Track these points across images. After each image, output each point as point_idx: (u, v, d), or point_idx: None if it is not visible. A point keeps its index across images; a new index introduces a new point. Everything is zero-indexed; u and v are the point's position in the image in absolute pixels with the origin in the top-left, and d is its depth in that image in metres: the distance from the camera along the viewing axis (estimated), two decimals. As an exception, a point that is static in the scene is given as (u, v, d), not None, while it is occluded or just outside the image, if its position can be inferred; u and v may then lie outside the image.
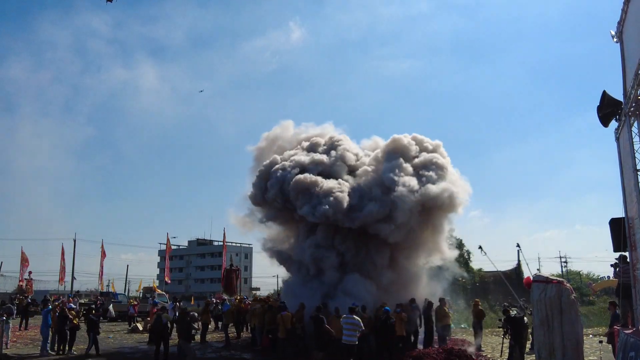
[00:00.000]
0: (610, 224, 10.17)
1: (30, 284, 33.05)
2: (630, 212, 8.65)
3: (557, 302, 10.49)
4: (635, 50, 7.79)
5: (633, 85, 7.85)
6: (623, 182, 9.07)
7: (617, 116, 9.16)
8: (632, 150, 8.20)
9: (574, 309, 10.60)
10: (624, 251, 9.99)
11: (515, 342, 12.83)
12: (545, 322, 10.49)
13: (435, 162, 17.50)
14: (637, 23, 7.59)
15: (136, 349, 16.25)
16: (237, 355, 15.16)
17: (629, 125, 8.39)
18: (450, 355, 13.73)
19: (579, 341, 10.32)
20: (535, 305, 10.81)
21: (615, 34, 9.08)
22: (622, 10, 8.53)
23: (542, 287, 10.77)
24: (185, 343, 12.63)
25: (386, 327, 12.89)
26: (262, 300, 19.15)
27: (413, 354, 13.73)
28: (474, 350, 14.84)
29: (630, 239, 8.77)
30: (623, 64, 8.93)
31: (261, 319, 15.68)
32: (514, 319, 12.88)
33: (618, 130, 9.36)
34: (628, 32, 8.45)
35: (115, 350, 15.97)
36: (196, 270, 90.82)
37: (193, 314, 13.24)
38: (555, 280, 10.98)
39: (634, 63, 7.66)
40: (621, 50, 8.99)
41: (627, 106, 8.40)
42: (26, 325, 21.90)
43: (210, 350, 15.96)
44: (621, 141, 9.12)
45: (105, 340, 18.71)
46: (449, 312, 16.19)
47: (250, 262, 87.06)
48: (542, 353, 10.44)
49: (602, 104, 9.31)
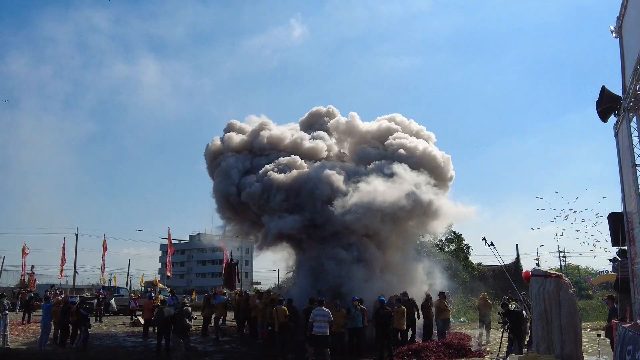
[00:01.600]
0: (608, 219, 10.20)
1: (33, 278, 33.16)
2: (629, 207, 8.67)
3: (555, 296, 10.56)
4: (634, 45, 7.78)
5: (632, 81, 7.85)
6: (622, 177, 9.10)
7: (616, 111, 9.17)
8: (631, 145, 8.21)
9: (573, 303, 10.68)
10: (623, 245, 10.03)
11: (514, 335, 12.92)
12: (543, 316, 10.56)
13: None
14: (636, 18, 7.59)
15: (137, 342, 16.36)
16: (237, 348, 15.28)
17: (628, 120, 8.40)
18: (449, 348, 13.86)
19: (577, 335, 10.39)
20: (534, 299, 10.87)
21: (615, 29, 9.07)
22: (622, 5, 8.52)
23: (541, 281, 10.83)
24: (176, 337, 12.44)
25: (380, 317, 12.96)
26: (263, 293, 19.27)
27: (413, 347, 13.84)
28: (475, 343, 14.94)
29: (628, 233, 8.81)
30: (622, 59, 8.92)
31: (262, 313, 15.80)
32: (513, 312, 12.97)
33: (617, 126, 9.37)
34: (627, 27, 8.44)
35: (116, 344, 16.10)
36: (197, 264, 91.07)
37: (187, 309, 12.82)
38: (554, 275, 11.06)
39: (633, 58, 7.66)
40: (620, 45, 8.99)
41: (626, 101, 8.40)
42: (29, 319, 22.02)
43: (210, 344, 16.08)
44: (620, 136, 9.13)
45: (107, 333, 18.88)
46: (448, 306, 16.29)
47: (251, 256, 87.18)
48: (541, 347, 10.52)
49: (601, 99, 9.31)
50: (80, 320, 14.50)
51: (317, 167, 18.69)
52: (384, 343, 12.94)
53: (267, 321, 14.93)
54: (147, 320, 17.18)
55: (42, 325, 14.72)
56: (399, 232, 18.16)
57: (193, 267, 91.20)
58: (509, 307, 13.23)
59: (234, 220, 21.37)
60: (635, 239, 8.40)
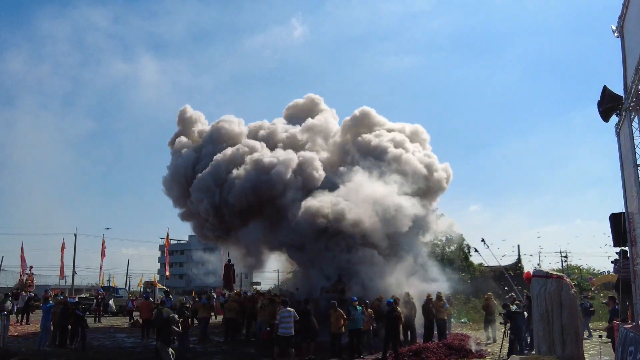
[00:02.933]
0: (610, 219, 10.16)
1: (32, 279, 33.07)
2: (630, 207, 8.64)
3: (557, 297, 10.53)
4: (636, 45, 7.75)
5: (634, 80, 7.82)
6: (623, 177, 9.06)
7: (618, 111, 9.13)
8: (633, 145, 8.18)
9: (574, 304, 10.64)
10: (624, 246, 9.99)
11: (515, 336, 12.88)
12: (545, 316, 10.53)
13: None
14: (638, 18, 7.55)
15: (137, 343, 16.30)
16: (237, 349, 15.21)
17: (629, 120, 8.36)
18: (450, 349, 13.82)
19: (578, 336, 10.36)
20: (535, 300, 10.84)
21: (616, 29, 9.04)
22: (623, 4, 8.49)
23: (542, 282, 10.80)
24: (162, 346, 11.16)
25: (390, 319, 12.95)
26: (264, 294, 19.23)
27: (413, 348, 13.80)
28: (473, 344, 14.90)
29: (630, 234, 8.77)
30: (624, 59, 8.89)
31: (264, 313, 15.76)
32: (514, 313, 12.93)
33: (618, 126, 9.33)
34: (629, 27, 8.41)
35: (115, 344, 16.04)
36: (197, 264, 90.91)
37: (173, 316, 11.73)
38: (555, 275, 11.02)
39: (635, 58, 7.63)
40: (622, 45, 8.96)
41: (628, 101, 8.37)
42: (27, 320, 21.94)
43: (210, 345, 16.01)
44: (622, 136, 9.09)
45: (106, 334, 18.82)
46: (445, 307, 16.23)
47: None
48: (542, 347, 10.48)
49: (603, 99, 9.28)
50: (77, 321, 14.43)
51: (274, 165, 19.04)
52: (391, 344, 12.91)
53: (268, 321, 14.89)
54: (146, 320, 17.12)
55: (42, 326, 14.67)
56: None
57: (192, 267, 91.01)
58: (510, 308, 13.20)
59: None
60: (636, 239, 8.36)
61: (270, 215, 18.91)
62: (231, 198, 18.65)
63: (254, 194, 18.46)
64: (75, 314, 14.50)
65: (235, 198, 18.56)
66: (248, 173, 18.77)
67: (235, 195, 18.52)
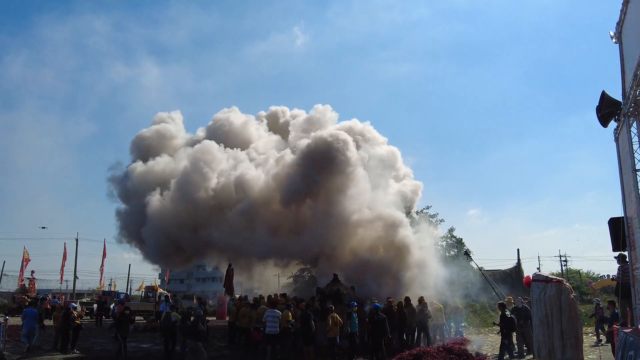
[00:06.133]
0: (609, 224, 10.20)
1: (33, 283, 33.07)
2: (629, 211, 8.69)
3: (556, 301, 10.55)
4: (634, 50, 7.82)
5: (632, 86, 7.89)
6: (622, 182, 9.11)
7: (617, 116, 9.20)
8: (631, 150, 8.24)
9: (574, 308, 10.67)
10: (623, 250, 10.03)
11: (508, 341, 12.89)
12: (544, 321, 10.55)
13: None
14: (636, 24, 7.63)
15: (137, 347, 16.32)
16: (238, 353, 15.22)
17: (628, 125, 8.43)
18: (450, 353, 13.78)
19: (578, 339, 10.39)
20: (535, 304, 10.87)
21: (615, 35, 9.12)
22: (621, 11, 8.58)
23: (542, 286, 10.84)
24: (196, 345, 11.33)
25: (375, 323, 12.96)
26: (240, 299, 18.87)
27: (413, 352, 13.78)
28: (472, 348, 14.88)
29: (629, 238, 8.82)
30: (622, 65, 8.97)
31: (246, 318, 15.67)
32: (509, 318, 12.94)
33: (617, 131, 9.39)
34: (627, 33, 8.49)
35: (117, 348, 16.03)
36: (198, 269, 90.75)
37: (198, 312, 12.54)
38: (554, 280, 11.05)
39: (633, 64, 7.70)
40: (620, 50, 9.03)
41: (626, 106, 8.44)
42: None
43: (212, 349, 16.01)
44: (620, 141, 9.15)
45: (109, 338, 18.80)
46: (429, 311, 16.06)
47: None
48: (542, 351, 10.51)
49: (601, 104, 9.35)
50: (122, 324, 14.47)
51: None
52: (377, 348, 12.94)
53: (254, 325, 14.96)
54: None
55: (27, 327, 14.69)
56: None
57: (193, 271, 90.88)
58: (506, 313, 13.20)
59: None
60: (635, 243, 8.41)
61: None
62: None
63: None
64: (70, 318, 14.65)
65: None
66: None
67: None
